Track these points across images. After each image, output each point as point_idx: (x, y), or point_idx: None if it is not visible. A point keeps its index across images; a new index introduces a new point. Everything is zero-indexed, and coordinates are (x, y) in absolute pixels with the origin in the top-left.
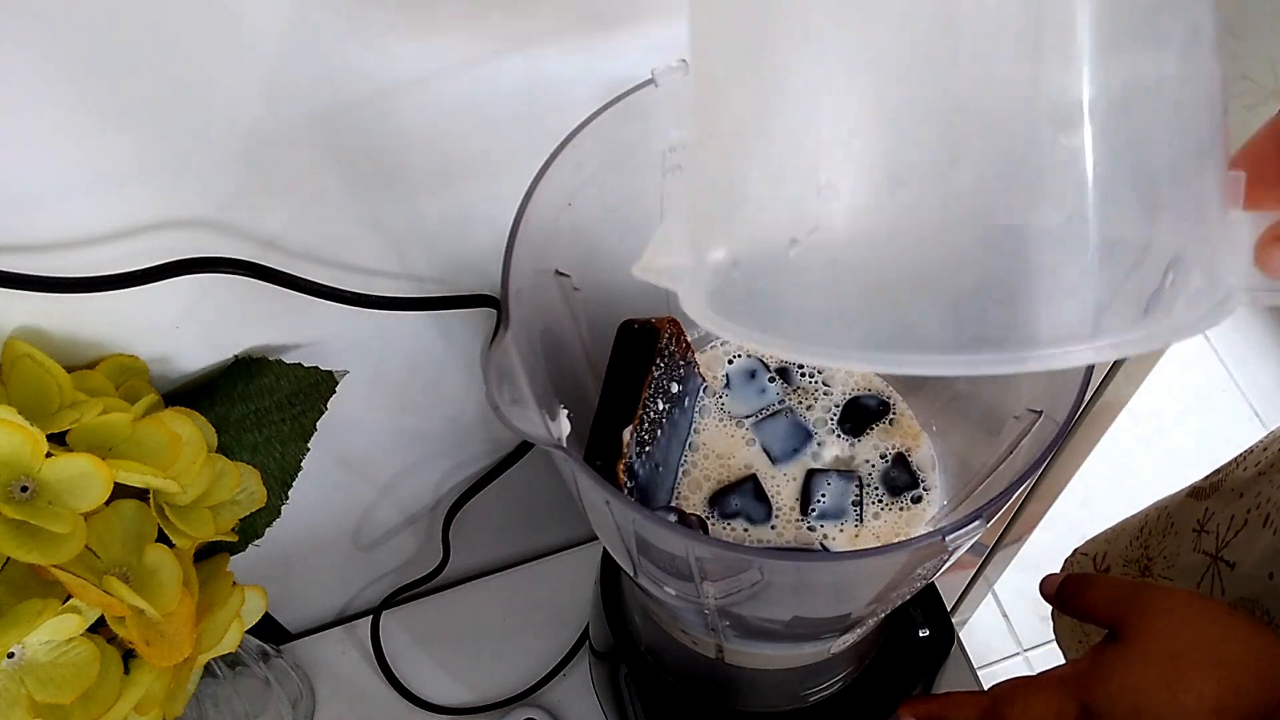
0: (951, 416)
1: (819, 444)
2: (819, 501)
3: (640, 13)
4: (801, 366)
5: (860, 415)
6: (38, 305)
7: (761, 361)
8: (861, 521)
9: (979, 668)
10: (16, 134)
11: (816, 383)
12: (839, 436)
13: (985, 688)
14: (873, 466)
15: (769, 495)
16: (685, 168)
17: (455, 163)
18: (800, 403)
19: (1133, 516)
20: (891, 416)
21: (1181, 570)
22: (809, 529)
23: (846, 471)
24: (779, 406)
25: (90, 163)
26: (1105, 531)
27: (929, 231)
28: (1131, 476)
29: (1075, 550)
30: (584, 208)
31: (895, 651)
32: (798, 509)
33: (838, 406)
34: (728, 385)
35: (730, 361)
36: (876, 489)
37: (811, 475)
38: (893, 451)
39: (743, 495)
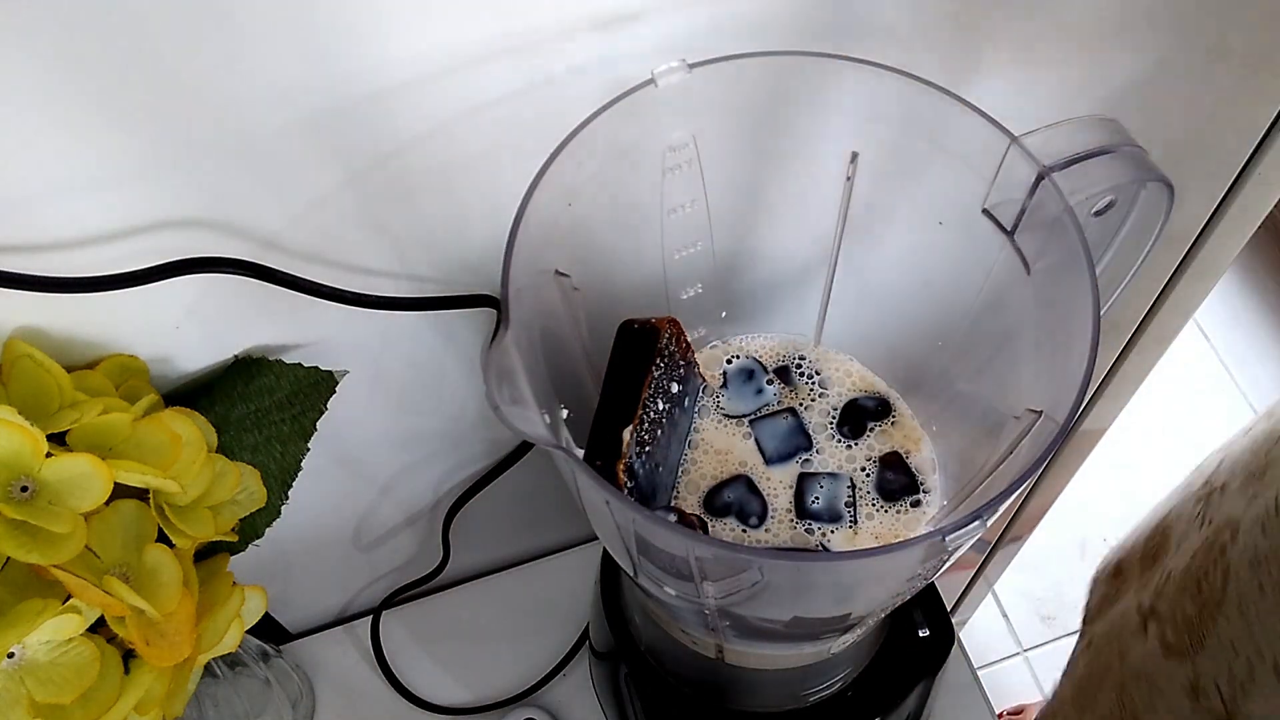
0: (951, 417)
1: (817, 448)
2: (813, 504)
3: (640, 13)
4: (800, 367)
5: (859, 417)
6: (38, 305)
7: (759, 362)
8: (856, 523)
9: (979, 668)
10: (16, 134)
11: (814, 384)
12: (837, 439)
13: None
14: (871, 468)
15: (764, 494)
16: None
17: (455, 163)
18: (800, 404)
19: (1085, 677)
20: (891, 418)
21: None
22: (806, 530)
23: (840, 474)
24: (777, 407)
25: (90, 163)
26: (1064, 702)
27: None
28: (1131, 476)
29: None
30: (584, 208)
31: (895, 651)
32: (793, 511)
33: (835, 409)
34: (725, 385)
35: (729, 361)
36: (872, 492)
37: (804, 479)
38: (891, 453)
39: (736, 490)
